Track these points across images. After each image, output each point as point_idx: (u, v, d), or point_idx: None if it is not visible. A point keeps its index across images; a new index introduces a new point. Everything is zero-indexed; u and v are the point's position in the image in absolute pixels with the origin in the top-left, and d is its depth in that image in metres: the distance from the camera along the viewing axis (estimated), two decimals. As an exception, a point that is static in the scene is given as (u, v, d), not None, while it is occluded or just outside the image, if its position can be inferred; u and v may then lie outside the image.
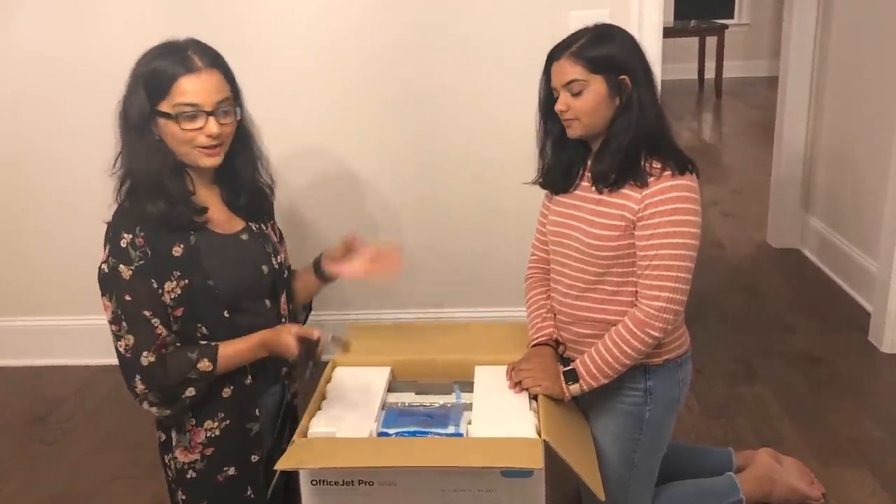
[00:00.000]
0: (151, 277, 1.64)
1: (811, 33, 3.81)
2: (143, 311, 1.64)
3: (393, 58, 2.86)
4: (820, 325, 3.29)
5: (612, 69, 1.74)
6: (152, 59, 1.65)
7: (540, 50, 2.73)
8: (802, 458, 2.33)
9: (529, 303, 2.02)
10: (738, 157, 5.91)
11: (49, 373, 3.13)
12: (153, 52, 1.67)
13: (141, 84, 1.64)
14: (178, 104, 1.62)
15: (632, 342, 1.77)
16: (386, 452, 1.64)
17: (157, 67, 1.63)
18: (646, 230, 1.75)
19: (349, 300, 3.09)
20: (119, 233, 1.64)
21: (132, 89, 1.66)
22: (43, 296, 3.16)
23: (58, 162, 2.99)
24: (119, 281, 1.63)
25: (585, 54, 1.73)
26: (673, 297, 1.75)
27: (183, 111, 1.62)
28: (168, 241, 1.66)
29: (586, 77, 1.73)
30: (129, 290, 1.63)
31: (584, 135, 1.80)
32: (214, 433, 1.77)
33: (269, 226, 1.91)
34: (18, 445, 2.68)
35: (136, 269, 1.63)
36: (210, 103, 1.64)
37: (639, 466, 1.92)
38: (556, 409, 1.81)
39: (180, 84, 1.62)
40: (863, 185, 3.46)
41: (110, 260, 1.64)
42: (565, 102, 1.77)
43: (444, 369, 2.00)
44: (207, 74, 1.64)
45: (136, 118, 1.64)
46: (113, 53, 2.06)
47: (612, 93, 1.75)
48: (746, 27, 9.12)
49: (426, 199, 3.02)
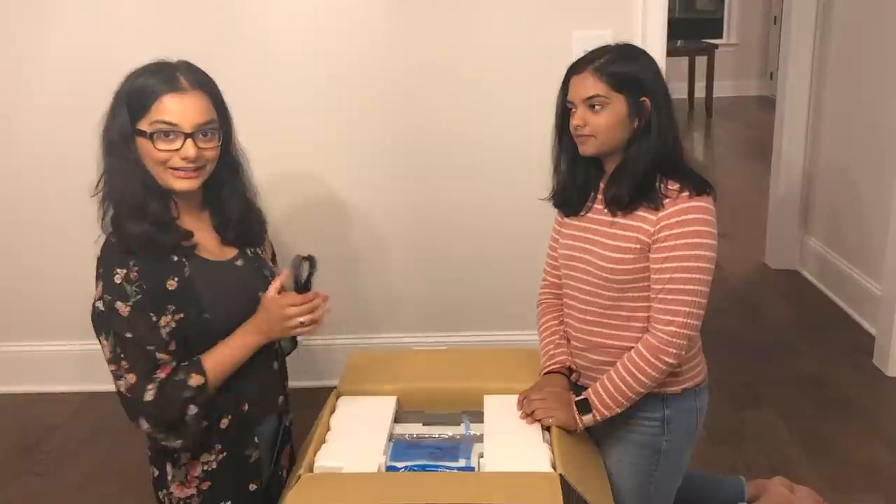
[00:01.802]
0: (150, 311, 1.57)
1: (809, 52, 3.81)
2: (147, 346, 1.57)
3: (395, 78, 2.82)
4: (824, 349, 3.25)
5: (635, 89, 1.70)
6: (137, 77, 1.59)
7: (542, 70, 2.74)
8: (814, 484, 2.28)
9: (542, 329, 1.97)
10: (732, 177, 5.90)
11: (39, 400, 3.05)
12: (141, 70, 1.60)
13: (123, 101, 1.57)
14: (155, 121, 1.55)
15: (646, 369, 1.72)
16: (396, 489, 1.58)
17: (142, 85, 1.57)
18: (661, 252, 1.71)
19: (352, 323, 3.04)
20: (112, 268, 1.56)
21: (115, 107, 1.59)
22: (33, 322, 3.09)
23: (54, 190, 2.93)
24: (117, 318, 1.56)
25: (610, 70, 1.69)
26: (687, 321, 1.70)
27: (159, 129, 1.55)
28: (162, 274, 1.59)
29: (608, 94, 1.69)
30: (130, 327, 1.56)
31: (597, 153, 1.75)
32: (211, 466, 1.70)
33: (263, 249, 1.84)
34: (10, 477, 2.60)
35: (133, 304, 1.56)
36: (190, 125, 1.56)
37: (654, 499, 1.87)
38: (570, 440, 1.75)
39: (162, 102, 1.55)
40: (864, 206, 3.44)
41: (105, 297, 1.56)
42: (583, 118, 1.71)
43: (451, 398, 1.94)
44: (192, 96, 1.57)
45: (117, 137, 1.57)
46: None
47: (632, 114, 1.71)
48: (735, 47, 9.16)
49: (431, 223, 2.98)
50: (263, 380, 1.77)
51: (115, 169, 1.60)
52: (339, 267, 2.97)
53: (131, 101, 1.57)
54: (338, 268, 2.96)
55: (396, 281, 3.03)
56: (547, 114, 1.90)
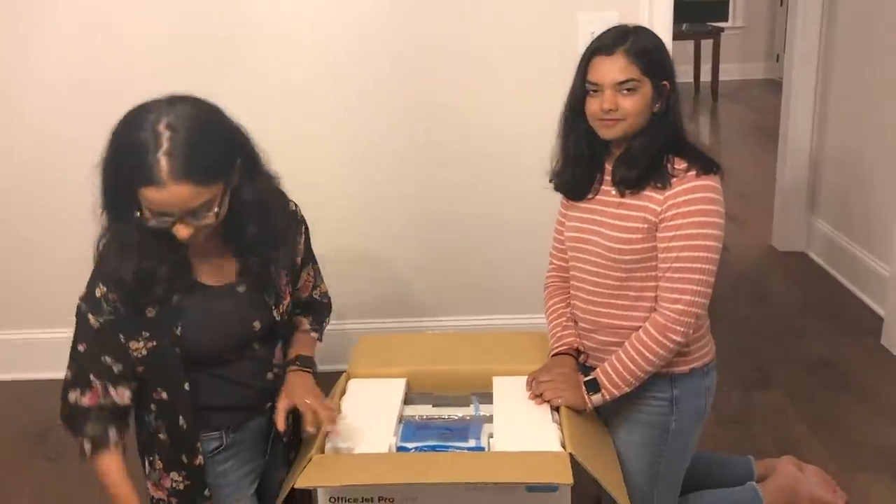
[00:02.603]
0: (120, 333, 1.58)
1: (815, 34, 3.78)
2: (105, 358, 1.60)
3: (400, 61, 2.82)
4: (831, 330, 3.25)
5: (660, 74, 1.71)
6: (117, 152, 1.44)
7: (547, 51, 2.74)
8: (822, 464, 2.29)
9: (549, 311, 1.98)
10: (739, 159, 5.88)
11: (51, 387, 3.05)
12: (119, 141, 1.44)
13: (114, 161, 1.45)
14: (144, 203, 1.44)
15: (654, 348, 1.72)
16: (408, 468, 1.59)
17: (123, 165, 1.43)
18: (668, 231, 1.71)
19: (359, 309, 3.05)
20: (96, 281, 1.57)
21: (109, 158, 1.46)
22: (42, 309, 3.10)
23: (71, 180, 2.92)
24: (85, 326, 1.59)
25: (642, 55, 1.69)
26: (694, 300, 1.71)
27: (149, 208, 1.44)
28: (143, 304, 1.56)
29: (640, 78, 1.69)
30: (89, 340, 1.60)
31: (622, 136, 1.74)
32: (178, 486, 1.70)
33: (280, 265, 1.71)
34: (23, 463, 2.62)
35: (103, 322, 1.58)
36: (178, 210, 1.43)
37: (663, 477, 1.88)
38: (578, 420, 1.76)
39: (143, 193, 1.41)
40: (872, 187, 3.43)
41: (83, 304, 1.60)
42: (614, 101, 1.69)
43: (460, 380, 1.95)
44: (173, 190, 1.39)
45: (114, 188, 1.48)
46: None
47: (654, 98, 1.71)
48: (741, 30, 9.11)
49: (439, 208, 2.98)
50: (245, 393, 1.73)
51: (116, 212, 1.52)
52: (347, 253, 2.97)
53: (119, 166, 1.45)
54: (346, 254, 2.97)
55: (405, 265, 3.04)
56: (552, 96, 1.90)
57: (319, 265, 1.91)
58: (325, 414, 1.65)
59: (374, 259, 3.02)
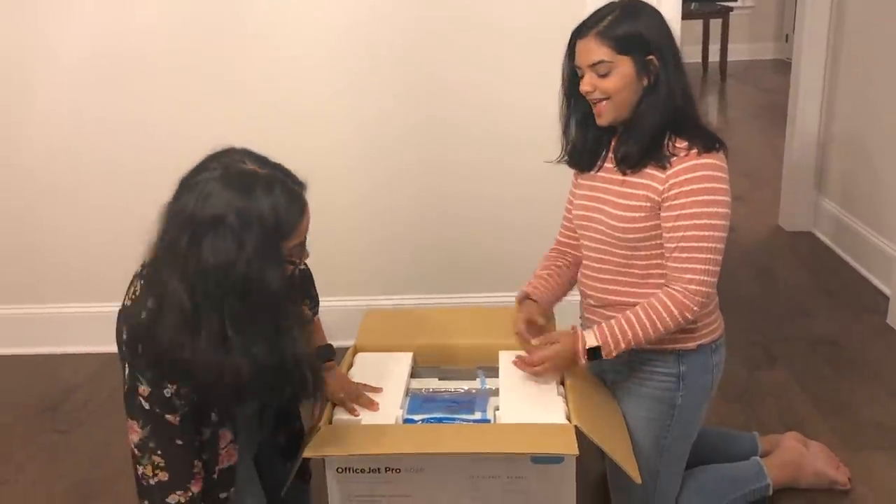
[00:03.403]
0: (193, 422, 1.53)
1: (825, 14, 3.76)
2: (190, 455, 1.53)
3: (403, 37, 2.81)
4: (837, 309, 3.26)
5: (640, 49, 1.69)
6: (249, 220, 1.41)
7: (554, 28, 2.69)
8: (827, 442, 2.30)
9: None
10: (746, 140, 5.86)
11: (60, 361, 3.09)
12: (240, 203, 1.42)
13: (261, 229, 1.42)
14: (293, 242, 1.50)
15: (667, 321, 1.71)
16: (414, 439, 1.62)
17: (267, 226, 1.43)
18: (672, 210, 1.71)
19: (365, 285, 3.06)
20: (163, 382, 1.47)
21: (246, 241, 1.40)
22: (53, 284, 3.13)
23: (84, 154, 2.95)
24: (164, 426, 1.50)
25: (612, 34, 1.68)
26: (705, 279, 1.71)
27: (298, 241, 1.52)
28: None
29: (613, 58, 1.69)
30: (177, 436, 1.51)
31: (615, 119, 1.75)
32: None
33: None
34: (34, 434, 2.64)
35: (182, 416, 1.50)
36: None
37: (669, 452, 1.89)
38: (584, 392, 1.78)
39: (298, 227, 1.50)
40: (879, 167, 3.42)
41: (153, 406, 1.48)
42: (591, 83, 1.72)
43: (467, 354, 1.97)
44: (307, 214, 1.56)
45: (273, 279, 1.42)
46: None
47: (640, 73, 1.71)
48: (751, 9, 9.05)
49: (444, 185, 2.98)
50: None
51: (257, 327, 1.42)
52: (351, 229, 2.99)
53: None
54: (349, 230, 2.99)
55: (410, 243, 3.05)
56: (555, 72, 1.89)
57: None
58: (363, 402, 1.73)
59: (376, 236, 3.03)
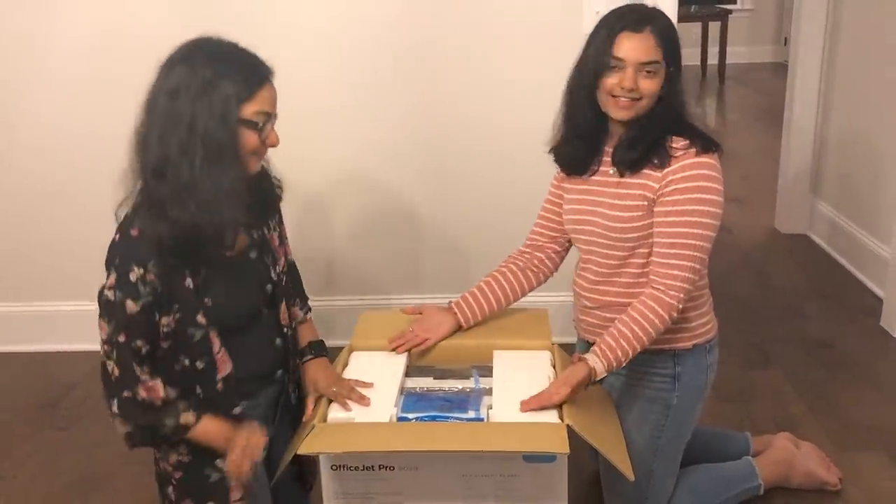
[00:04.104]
0: (155, 311, 1.56)
1: (822, 16, 3.79)
2: (137, 342, 1.56)
3: (402, 42, 2.82)
4: (831, 311, 3.28)
5: (674, 59, 1.73)
6: (220, 67, 1.53)
7: (551, 31, 2.74)
8: (819, 442, 2.32)
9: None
10: (744, 142, 5.88)
11: (58, 358, 3.11)
12: (213, 59, 1.55)
13: (219, 77, 1.51)
14: (255, 107, 1.55)
15: (655, 322, 1.72)
16: (408, 437, 1.63)
17: (228, 77, 1.53)
18: (665, 206, 1.73)
19: (364, 285, 3.08)
20: (129, 264, 1.52)
21: (207, 84, 1.51)
22: (51, 282, 3.15)
23: (79, 152, 2.97)
24: (122, 314, 1.54)
25: (667, 38, 1.70)
26: (688, 276, 1.73)
27: (262, 110, 1.56)
28: (178, 275, 1.57)
29: (661, 60, 1.71)
30: (129, 327, 1.55)
31: (635, 118, 1.74)
32: (183, 459, 1.70)
33: (271, 227, 1.81)
34: (33, 431, 2.66)
35: (142, 305, 1.54)
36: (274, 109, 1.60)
37: (663, 452, 1.91)
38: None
39: (259, 94, 1.55)
40: (875, 170, 3.44)
41: (116, 291, 1.53)
42: (634, 80, 1.69)
43: (461, 354, 1.98)
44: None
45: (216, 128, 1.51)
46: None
47: (664, 81, 1.73)
48: (750, 12, 9.07)
49: (440, 186, 2.99)
50: (259, 359, 1.76)
51: (208, 165, 1.51)
52: (349, 229, 3.01)
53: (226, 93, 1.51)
54: (347, 230, 3.01)
55: (406, 243, 3.06)
56: (556, 74, 1.91)
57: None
58: (354, 398, 1.74)
59: (373, 237, 3.05)
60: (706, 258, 1.75)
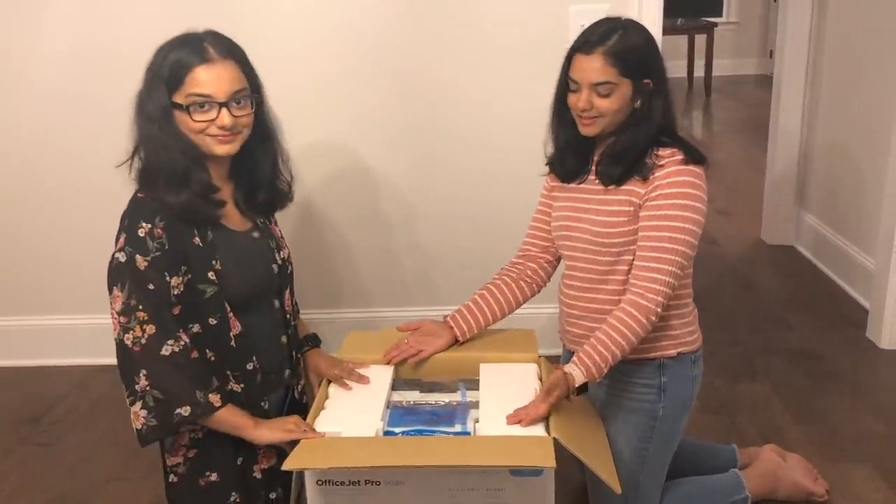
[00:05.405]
0: (164, 270, 1.61)
1: (806, 29, 3.82)
2: (164, 300, 1.61)
3: (393, 52, 2.82)
4: (818, 322, 3.28)
5: (640, 73, 1.72)
6: (169, 51, 1.65)
7: (539, 43, 2.75)
8: (806, 454, 2.32)
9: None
10: (730, 154, 5.92)
11: (41, 373, 3.08)
12: (170, 43, 1.66)
13: (157, 75, 1.63)
14: (190, 94, 1.62)
15: (636, 329, 1.72)
16: (394, 451, 1.62)
17: (173, 58, 1.63)
18: (649, 210, 1.74)
19: (351, 298, 3.07)
20: (137, 222, 1.62)
21: (150, 81, 1.65)
22: (35, 296, 3.12)
23: (61, 164, 2.94)
24: (135, 271, 1.60)
25: (621, 56, 1.69)
26: (670, 280, 1.73)
27: (195, 101, 1.62)
28: (186, 234, 1.65)
29: (617, 80, 1.70)
30: (149, 280, 1.60)
31: (599, 134, 1.78)
32: (198, 434, 1.74)
33: (273, 222, 1.91)
34: (13, 447, 2.63)
35: (151, 260, 1.60)
36: (223, 94, 1.63)
37: (650, 464, 1.91)
38: (564, 404, 1.78)
39: (194, 74, 1.61)
40: (860, 182, 3.46)
41: (126, 249, 1.61)
42: (588, 101, 1.72)
43: (448, 367, 1.97)
44: (221, 65, 1.64)
45: (155, 110, 1.63)
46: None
47: (635, 96, 1.74)
48: (735, 25, 9.14)
49: (431, 198, 2.99)
50: (270, 355, 1.81)
51: (155, 140, 1.64)
52: (336, 241, 3.00)
53: (164, 74, 1.63)
54: (335, 243, 3.00)
55: (395, 255, 3.05)
56: (543, 85, 1.91)
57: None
58: (355, 378, 1.85)
59: (362, 249, 3.04)
60: (687, 264, 1.76)
